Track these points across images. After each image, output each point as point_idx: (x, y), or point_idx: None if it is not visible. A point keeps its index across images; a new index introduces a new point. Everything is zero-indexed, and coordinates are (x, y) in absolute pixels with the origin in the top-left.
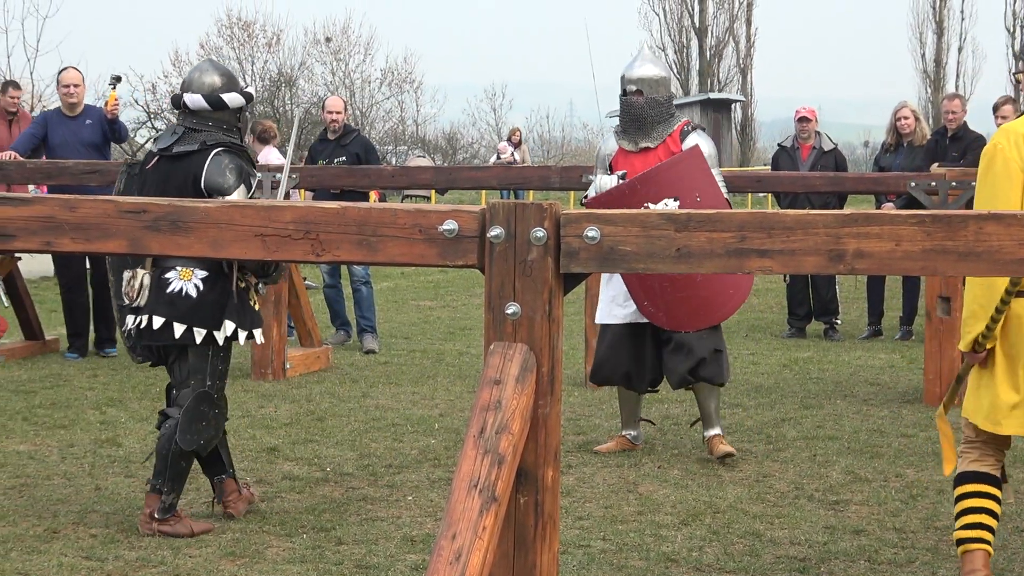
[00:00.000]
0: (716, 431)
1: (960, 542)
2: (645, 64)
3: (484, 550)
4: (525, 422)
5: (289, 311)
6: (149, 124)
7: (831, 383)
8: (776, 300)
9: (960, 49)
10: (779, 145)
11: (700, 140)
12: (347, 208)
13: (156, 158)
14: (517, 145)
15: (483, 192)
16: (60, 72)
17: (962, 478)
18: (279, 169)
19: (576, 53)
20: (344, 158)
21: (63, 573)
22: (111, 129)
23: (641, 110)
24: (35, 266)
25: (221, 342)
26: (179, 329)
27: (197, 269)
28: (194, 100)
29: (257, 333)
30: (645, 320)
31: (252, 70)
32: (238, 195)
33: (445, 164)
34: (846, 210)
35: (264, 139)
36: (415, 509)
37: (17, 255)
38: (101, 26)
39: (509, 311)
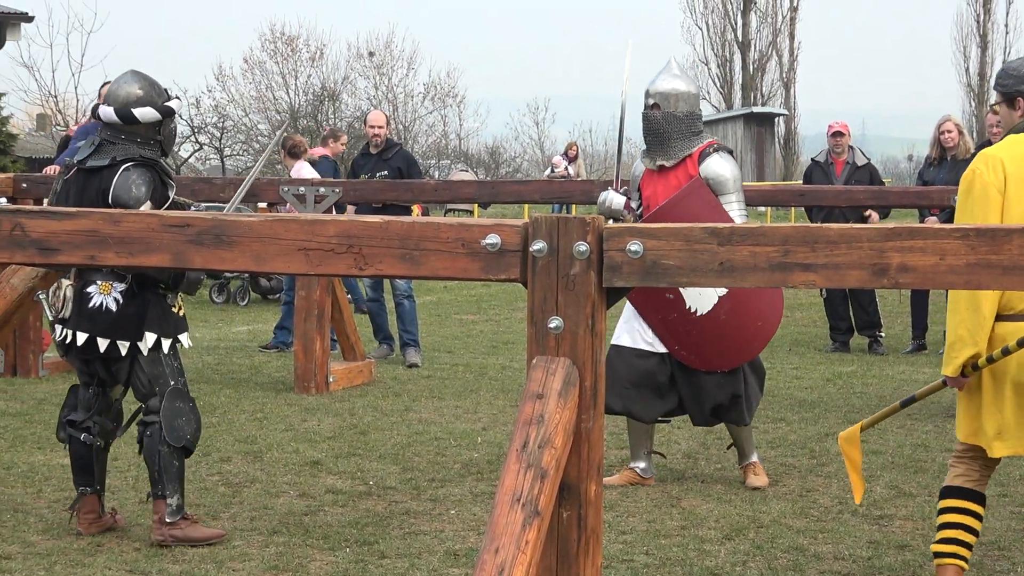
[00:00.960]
0: (749, 459)
1: (936, 555)
2: (666, 77)
3: (527, 564)
4: (568, 436)
5: (332, 325)
6: (192, 138)
7: (875, 397)
8: (819, 314)
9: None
10: (812, 160)
11: (719, 162)
12: (390, 222)
13: (75, 169)
14: (572, 159)
15: (526, 206)
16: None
17: (946, 492)
18: (320, 183)
19: (619, 67)
20: (386, 172)
21: None
22: None
23: (657, 124)
24: None
25: (145, 352)
26: (103, 344)
27: (116, 282)
28: (106, 113)
29: (183, 338)
30: (661, 350)
31: (296, 84)
32: (146, 209)
33: (488, 178)
34: (890, 223)
35: (295, 154)
36: (458, 523)
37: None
38: (145, 41)
39: (552, 325)
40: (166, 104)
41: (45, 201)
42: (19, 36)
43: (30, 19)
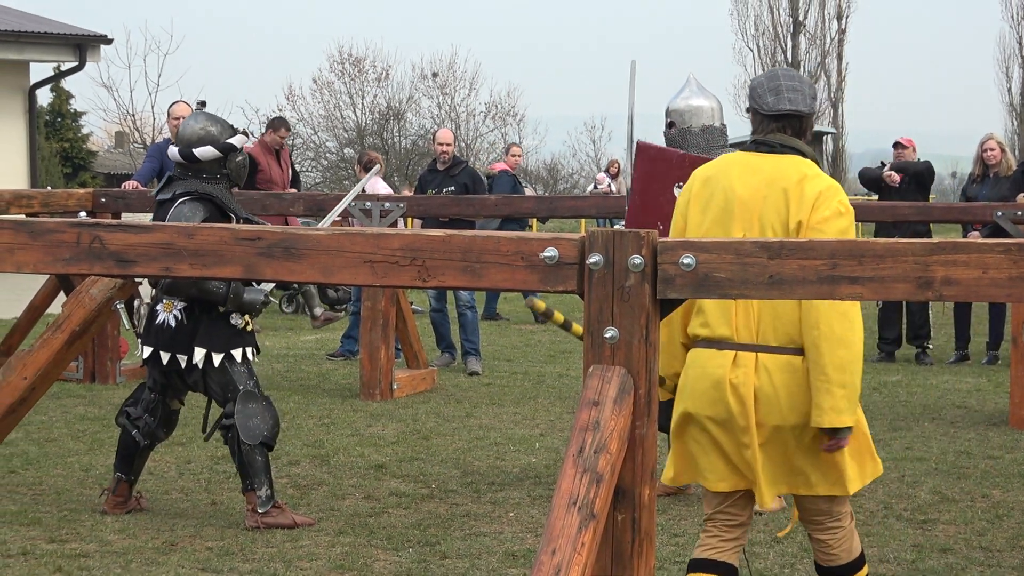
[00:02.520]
0: None
1: None
2: (681, 95)
3: (583, 565)
4: (623, 442)
5: (397, 334)
6: None
7: (919, 406)
8: (866, 325)
9: None
10: (881, 163)
11: None
12: (452, 236)
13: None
14: (615, 176)
15: (582, 221)
16: (171, 105)
17: (692, 566)
18: (386, 199)
19: (674, 86)
20: (453, 188)
21: None
22: None
23: (673, 142)
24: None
25: (200, 365)
26: (164, 357)
27: (178, 301)
28: (172, 153)
29: (236, 353)
30: None
31: (362, 104)
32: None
33: (546, 194)
34: (935, 238)
35: (370, 169)
36: (516, 525)
37: (138, 279)
38: (219, 62)
39: (607, 335)
40: (227, 141)
41: (123, 215)
42: (99, 58)
43: (109, 41)
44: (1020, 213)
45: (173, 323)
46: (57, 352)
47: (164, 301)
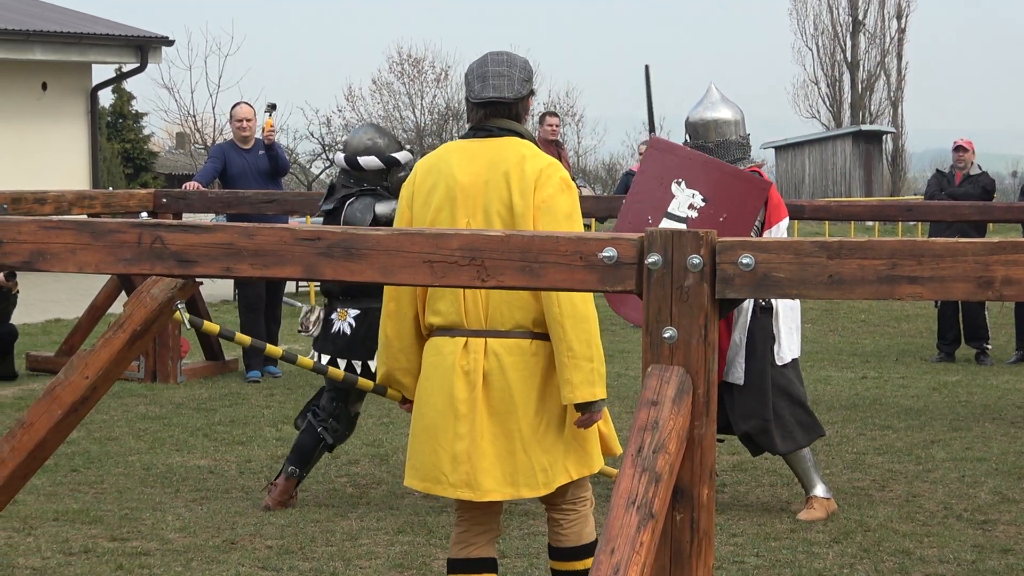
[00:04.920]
0: (811, 492)
1: None
2: (697, 108)
3: (641, 565)
4: (681, 442)
5: None
6: (324, 156)
7: (979, 406)
8: (926, 325)
9: None
10: (937, 170)
11: None
12: (511, 235)
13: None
14: None
15: None
16: (233, 107)
17: (451, 566)
18: None
19: (732, 85)
20: None
21: None
22: (269, 156)
23: None
24: (216, 290)
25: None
26: (341, 363)
27: (351, 309)
28: (338, 158)
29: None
30: None
31: (421, 104)
32: (384, 207)
33: (605, 194)
34: (995, 238)
35: None
36: None
37: (199, 280)
38: (279, 63)
39: (666, 335)
40: (392, 155)
41: (184, 216)
42: (160, 59)
43: (170, 43)
44: None
45: (348, 331)
46: (118, 351)
47: (339, 310)
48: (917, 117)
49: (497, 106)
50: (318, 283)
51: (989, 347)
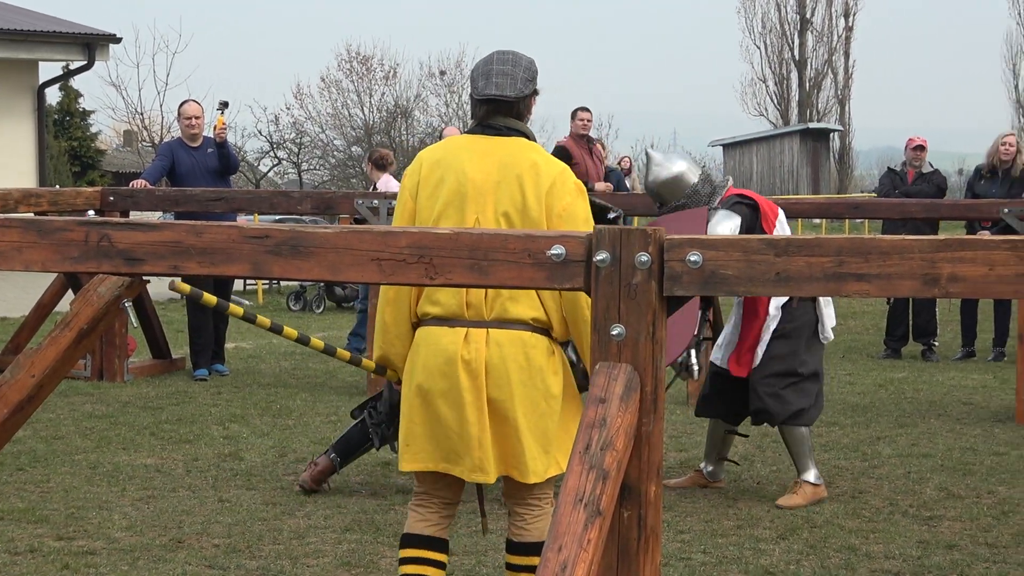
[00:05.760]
0: (800, 476)
1: None
2: (649, 175)
3: (589, 562)
4: (629, 439)
5: None
6: (272, 154)
7: (925, 403)
8: (872, 322)
9: None
10: (889, 168)
11: (715, 223)
12: (460, 233)
13: None
14: (627, 173)
15: None
16: (181, 105)
17: (405, 540)
18: (394, 196)
19: (679, 84)
20: None
21: None
22: (220, 154)
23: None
24: (162, 288)
25: None
26: None
27: None
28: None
29: None
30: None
31: (370, 102)
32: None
33: None
34: (941, 235)
35: (381, 166)
36: None
37: (146, 278)
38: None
39: (614, 332)
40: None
41: (131, 214)
42: (107, 57)
43: (118, 40)
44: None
45: None
46: (65, 350)
47: None
48: (864, 115)
49: (499, 104)
50: (266, 282)
51: (936, 344)
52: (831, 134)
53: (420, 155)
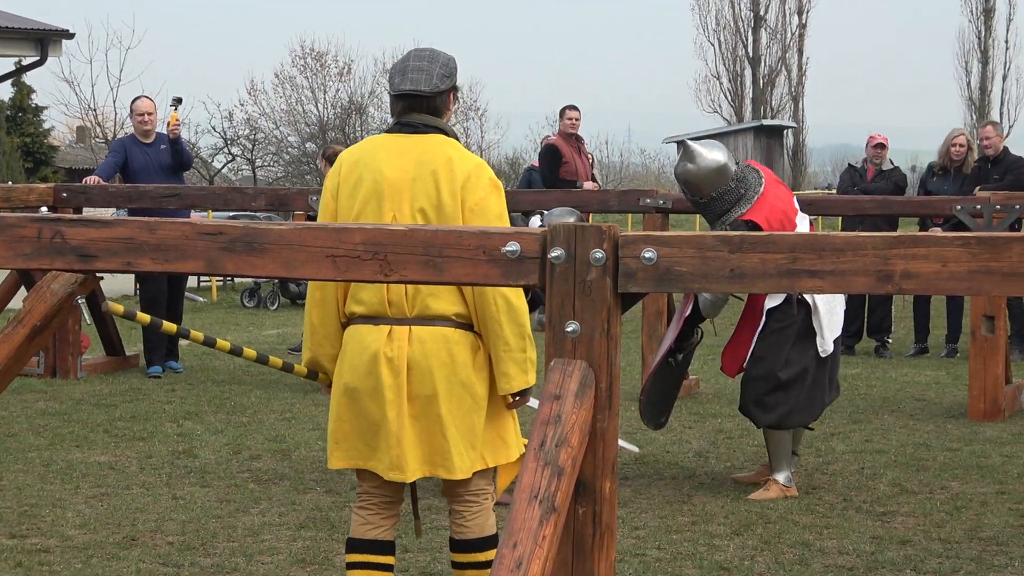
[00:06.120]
0: (772, 474)
1: None
2: (680, 165)
3: (544, 558)
4: (584, 435)
5: None
6: (225, 150)
7: (879, 399)
8: None
9: (1004, 77)
10: (849, 164)
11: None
12: (414, 230)
13: None
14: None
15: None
16: (134, 101)
17: (350, 545)
18: None
19: (633, 80)
20: None
21: None
22: (173, 150)
23: (698, 208)
24: (116, 285)
25: None
26: None
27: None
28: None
29: None
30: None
31: (324, 98)
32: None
33: (508, 188)
34: (894, 232)
35: (334, 162)
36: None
37: (99, 275)
38: (181, 57)
39: (569, 329)
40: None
41: (84, 210)
42: (60, 52)
43: (71, 36)
44: (979, 207)
45: None
46: (18, 347)
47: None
48: (817, 112)
49: (414, 99)
50: (220, 278)
51: (890, 340)
52: (785, 131)
53: (341, 155)
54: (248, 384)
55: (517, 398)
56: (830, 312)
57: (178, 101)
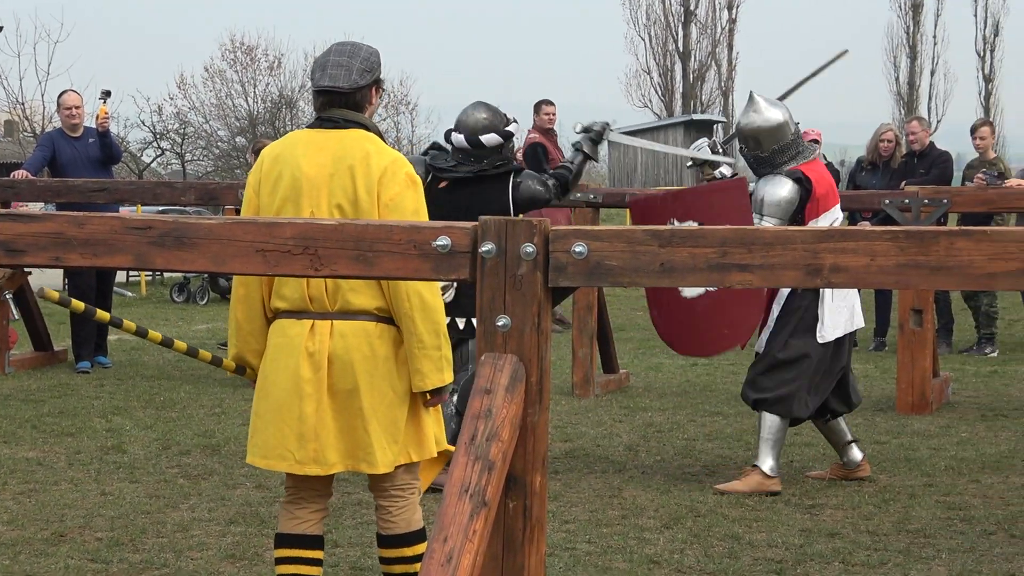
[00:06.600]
0: (755, 462)
1: None
2: (744, 116)
3: (474, 553)
4: (514, 430)
5: None
6: (155, 144)
7: None
8: None
9: (932, 72)
10: None
11: (768, 183)
12: (344, 224)
13: (443, 182)
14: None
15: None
16: (61, 95)
17: (279, 540)
18: None
19: (564, 75)
20: None
21: (69, 575)
22: (102, 144)
23: (748, 162)
24: (45, 280)
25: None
26: (461, 323)
27: None
28: (458, 140)
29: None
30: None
31: (254, 92)
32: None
33: None
34: (822, 226)
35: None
36: None
37: (27, 269)
38: (109, 50)
39: (500, 323)
40: (507, 129)
41: (12, 204)
42: None
43: None
44: (907, 201)
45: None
46: None
47: None
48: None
49: (333, 95)
50: (150, 273)
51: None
52: (714, 125)
53: (263, 151)
54: (177, 379)
55: (435, 396)
56: (842, 295)
57: (107, 94)
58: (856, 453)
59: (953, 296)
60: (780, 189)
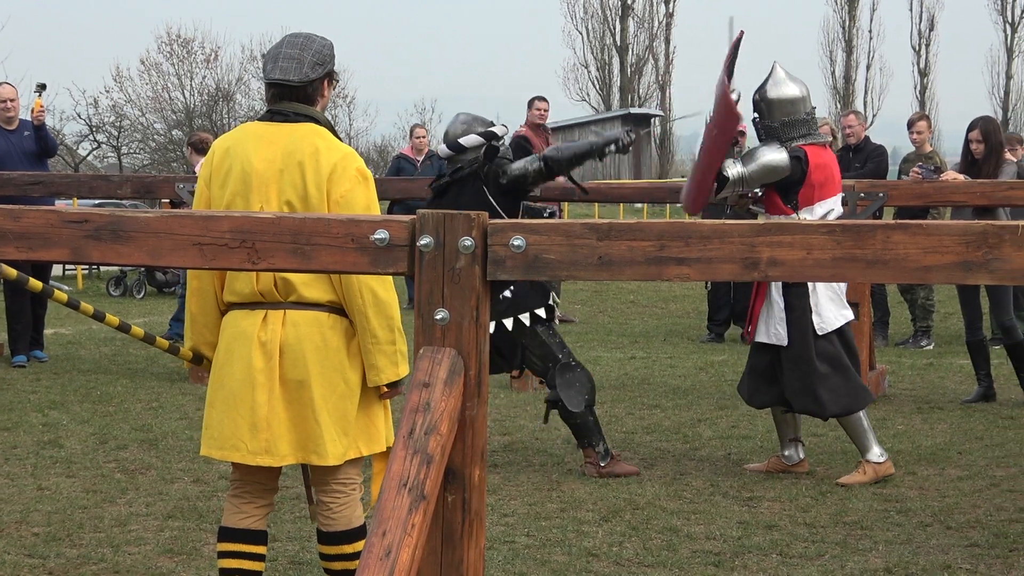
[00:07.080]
0: (864, 456)
1: None
2: (764, 86)
3: (413, 547)
4: (453, 423)
5: None
6: (90, 137)
7: None
8: (693, 306)
9: (868, 67)
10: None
11: (767, 144)
12: (281, 218)
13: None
14: None
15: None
16: None
17: (222, 534)
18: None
19: (502, 68)
20: None
21: (5, 571)
22: (37, 137)
23: (757, 131)
24: None
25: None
26: (508, 322)
27: None
28: (444, 151)
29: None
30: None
31: (191, 85)
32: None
33: (377, 176)
34: (760, 220)
35: (201, 150)
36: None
37: None
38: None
39: (438, 317)
40: (488, 130)
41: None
42: None
43: None
44: (843, 195)
45: (509, 293)
46: None
47: None
48: (684, 101)
49: (283, 88)
50: (86, 266)
51: None
52: (652, 119)
53: (214, 144)
54: (114, 373)
55: (390, 390)
56: (829, 287)
57: (42, 87)
58: (798, 452)
59: (889, 289)
60: (773, 154)
